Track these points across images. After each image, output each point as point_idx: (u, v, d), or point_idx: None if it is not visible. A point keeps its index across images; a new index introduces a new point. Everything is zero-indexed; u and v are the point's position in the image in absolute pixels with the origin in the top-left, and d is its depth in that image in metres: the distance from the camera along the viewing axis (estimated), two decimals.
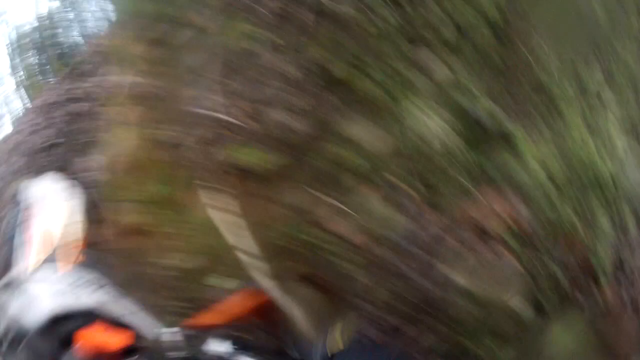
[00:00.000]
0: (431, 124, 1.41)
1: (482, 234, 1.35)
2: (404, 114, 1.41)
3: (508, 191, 1.50)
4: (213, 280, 1.36)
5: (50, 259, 0.86)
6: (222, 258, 1.40)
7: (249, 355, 0.79)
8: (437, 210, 1.34)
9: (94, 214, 1.70)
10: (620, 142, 1.90)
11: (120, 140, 1.73)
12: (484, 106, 1.55)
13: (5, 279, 0.72)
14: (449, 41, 1.61)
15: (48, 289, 0.67)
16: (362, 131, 1.40)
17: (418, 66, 1.56)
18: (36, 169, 2.11)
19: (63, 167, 2.02)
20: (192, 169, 1.49)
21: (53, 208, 1.03)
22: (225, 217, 1.43)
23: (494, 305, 1.29)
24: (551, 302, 1.33)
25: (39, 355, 0.57)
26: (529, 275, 1.35)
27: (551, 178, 1.65)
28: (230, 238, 1.38)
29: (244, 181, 1.44)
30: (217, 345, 0.82)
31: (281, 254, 1.31)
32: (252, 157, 1.37)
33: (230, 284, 1.35)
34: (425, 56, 1.58)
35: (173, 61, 1.79)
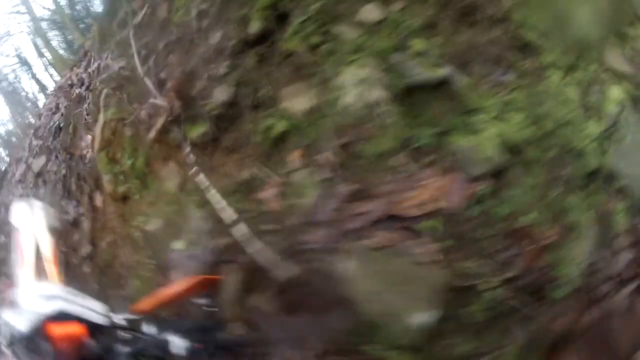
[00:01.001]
0: (355, 80, 1.33)
1: (404, 223, 1.15)
2: (328, 70, 1.36)
3: (447, 163, 1.23)
4: (179, 245, 1.57)
5: (34, 274, 1.11)
6: (186, 226, 1.60)
7: (174, 334, 1.00)
8: (355, 182, 1.19)
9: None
10: (612, 105, 1.52)
11: (99, 121, 1.98)
12: (417, 53, 1.41)
13: (11, 297, 0.92)
14: None
15: (35, 299, 0.89)
16: (289, 94, 1.44)
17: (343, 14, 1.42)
18: (47, 151, 2.51)
19: (67, 148, 2.37)
20: (151, 145, 1.69)
21: (31, 231, 1.21)
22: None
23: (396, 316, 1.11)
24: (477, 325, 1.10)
25: (31, 349, 0.80)
26: (453, 291, 1.10)
27: (510, 146, 1.30)
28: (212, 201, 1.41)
29: (197, 153, 1.58)
30: (149, 328, 1.03)
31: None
32: (191, 131, 1.52)
33: (192, 249, 1.51)
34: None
35: (132, 38, 1.93)
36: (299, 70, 1.47)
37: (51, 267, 1.13)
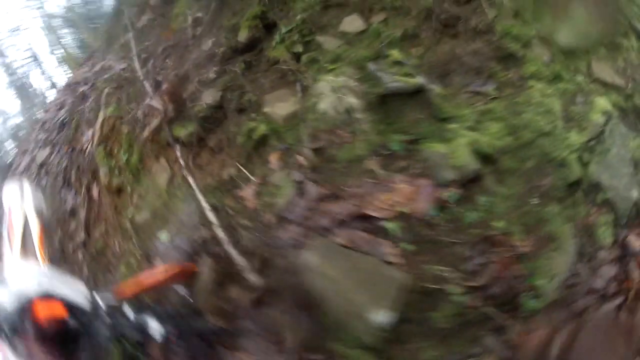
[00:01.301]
0: (331, 87, 1.41)
1: (370, 225, 1.19)
2: (308, 78, 1.49)
3: (418, 170, 1.27)
4: (164, 235, 1.69)
5: (21, 253, 1.17)
6: (172, 218, 1.71)
7: (153, 319, 1.08)
8: (327, 184, 1.26)
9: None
10: (597, 116, 1.48)
11: (99, 118, 2.12)
12: (393, 61, 1.49)
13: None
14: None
15: (21, 278, 0.97)
16: (271, 100, 1.56)
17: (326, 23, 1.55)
18: (51, 144, 2.68)
19: (69, 142, 2.52)
20: (145, 142, 1.82)
21: (19, 211, 1.28)
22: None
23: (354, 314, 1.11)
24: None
25: (15, 326, 0.85)
26: (417, 293, 1.09)
27: (484, 155, 1.31)
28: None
29: (184, 152, 1.71)
30: (129, 311, 1.11)
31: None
32: (180, 131, 1.65)
33: (176, 240, 1.61)
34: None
35: (133, 42, 2.08)
36: (283, 77, 1.59)
37: (37, 248, 1.21)
